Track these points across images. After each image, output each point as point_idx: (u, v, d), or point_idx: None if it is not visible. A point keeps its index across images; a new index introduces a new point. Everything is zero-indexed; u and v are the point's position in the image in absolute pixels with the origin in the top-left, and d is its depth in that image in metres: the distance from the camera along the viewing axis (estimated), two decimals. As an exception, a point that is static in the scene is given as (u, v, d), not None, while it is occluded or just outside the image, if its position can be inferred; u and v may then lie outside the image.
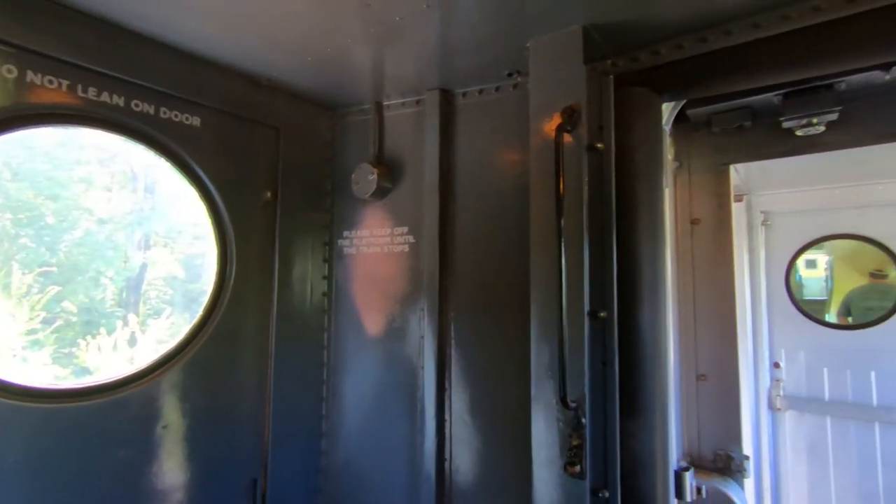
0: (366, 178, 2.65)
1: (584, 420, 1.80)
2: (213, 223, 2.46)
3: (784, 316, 4.44)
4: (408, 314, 2.66)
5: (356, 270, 2.88)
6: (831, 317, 4.54)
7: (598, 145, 2.10)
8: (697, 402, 2.96)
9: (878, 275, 4.14)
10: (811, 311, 4.46)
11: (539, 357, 1.94)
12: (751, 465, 4.19)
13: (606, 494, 2.00)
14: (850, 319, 4.28)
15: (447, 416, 2.51)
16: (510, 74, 2.37)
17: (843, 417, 4.10)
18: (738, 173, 4.17)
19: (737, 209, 4.50)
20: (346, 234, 2.89)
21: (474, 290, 2.49)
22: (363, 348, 2.84)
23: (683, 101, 2.53)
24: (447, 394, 2.51)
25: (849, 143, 2.62)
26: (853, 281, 4.45)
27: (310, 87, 2.67)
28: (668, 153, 2.93)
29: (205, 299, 2.42)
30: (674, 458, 2.66)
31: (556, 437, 1.87)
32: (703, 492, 2.64)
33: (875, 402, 3.99)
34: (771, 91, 2.52)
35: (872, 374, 4.01)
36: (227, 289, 2.43)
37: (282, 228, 2.67)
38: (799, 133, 2.64)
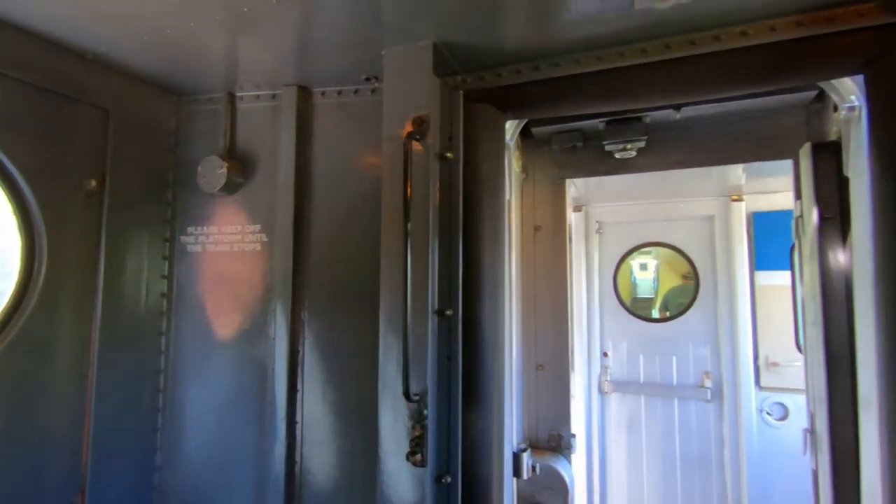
0: (214, 171, 2.49)
1: (426, 412, 1.92)
2: (16, 213, 2.11)
3: (612, 312, 5.15)
4: (259, 315, 2.56)
5: (202, 270, 2.69)
6: (656, 312, 5.34)
7: (448, 155, 2.26)
8: (536, 389, 3.31)
9: (687, 277, 5.03)
10: (643, 308, 5.25)
11: (386, 353, 2.02)
12: (582, 442, 4.79)
13: (448, 480, 2.15)
14: (667, 314, 5.10)
15: (298, 418, 2.47)
16: (368, 79, 2.42)
17: (653, 396, 4.90)
18: (577, 186, 4.75)
19: (576, 218, 5.13)
20: (190, 230, 2.68)
21: (329, 290, 2.50)
22: (208, 353, 2.67)
23: (525, 120, 2.82)
24: (299, 395, 2.47)
25: (654, 167, 3.15)
26: (672, 282, 5.31)
27: (149, 68, 2.43)
28: (516, 165, 3.24)
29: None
30: (514, 441, 2.95)
31: (400, 429, 1.96)
32: (538, 469, 2.96)
33: (675, 381, 4.84)
34: (595, 118, 2.94)
35: (674, 358, 4.85)
36: (33, 289, 2.10)
37: (110, 222, 2.39)
38: (617, 156, 3.11)
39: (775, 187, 4.43)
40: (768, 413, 4.40)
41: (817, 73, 2.03)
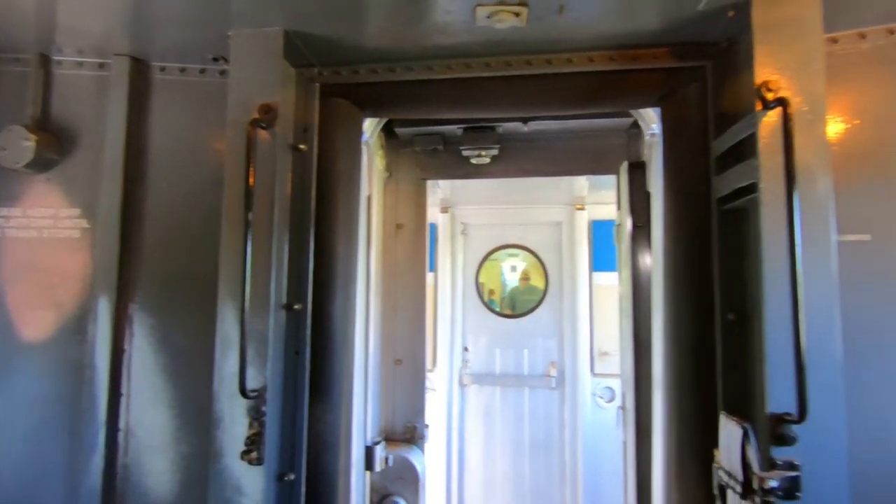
0: (18, 143, 2.14)
1: (264, 408, 1.87)
2: None
3: (473, 308, 5.46)
4: (75, 311, 2.25)
5: (2, 259, 2.29)
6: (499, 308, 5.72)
7: (302, 147, 2.22)
8: (394, 383, 3.39)
9: (525, 277, 5.51)
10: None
11: (223, 349, 1.92)
12: (442, 432, 4.98)
13: (292, 477, 2.11)
14: (512, 310, 5.54)
15: (122, 425, 2.23)
16: (217, 59, 2.28)
17: (507, 386, 5.29)
18: (442, 189, 4.96)
19: (443, 219, 5.35)
20: (-15, 211, 2.27)
21: (164, 283, 2.29)
22: (9, 357, 2.28)
23: (386, 119, 2.89)
24: (123, 400, 2.23)
25: (505, 174, 3.43)
26: (536, 282, 5.73)
27: (-73, 12, 2.01)
28: (379, 163, 3.29)
29: None
30: (368, 434, 2.98)
31: (236, 427, 1.88)
32: (390, 461, 3.04)
33: (526, 372, 5.29)
34: (452, 124, 3.11)
35: (525, 351, 5.30)
36: None
37: None
38: (473, 161, 3.32)
39: (609, 199, 5.08)
40: (600, 396, 5.02)
41: (627, 102, 2.40)
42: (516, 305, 5.48)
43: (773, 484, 1.54)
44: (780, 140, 1.61)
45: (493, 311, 5.44)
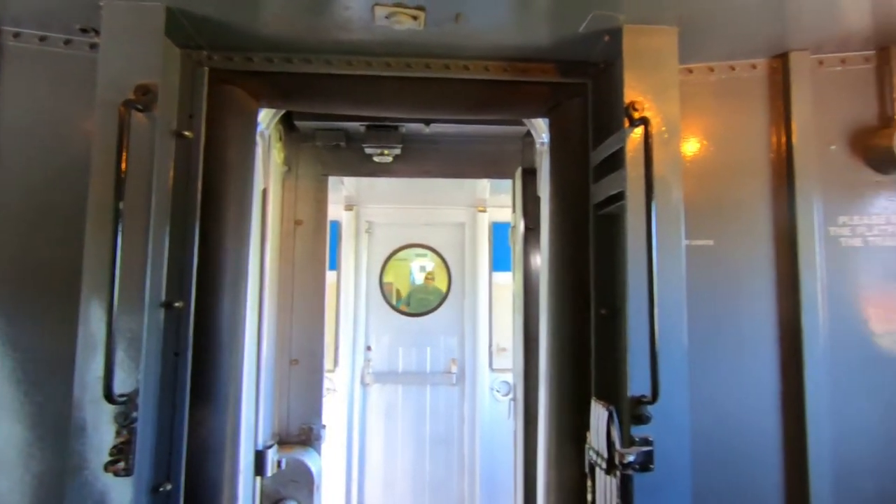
0: None
1: (134, 414, 1.72)
2: None
3: (377, 307, 5.45)
4: None
5: None
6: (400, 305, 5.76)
7: (187, 133, 2.08)
8: (290, 384, 3.28)
9: (429, 277, 5.63)
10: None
11: (86, 351, 1.74)
12: (343, 433, 4.90)
13: (169, 487, 1.96)
14: (415, 309, 5.61)
15: (-47, 443, 1.92)
16: (85, 31, 2.05)
17: (409, 384, 5.35)
18: (347, 186, 4.89)
19: (347, 217, 5.27)
20: None
21: (16, 280, 2.02)
22: None
23: (284, 111, 2.79)
24: (-44, 413, 1.93)
25: (408, 174, 3.47)
26: (441, 282, 5.82)
27: None
28: (277, 157, 3.17)
29: None
30: (259, 438, 2.86)
31: (100, 436, 1.71)
32: (283, 464, 2.94)
33: (428, 369, 5.38)
34: (355, 121, 3.09)
35: (428, 349, 5.39)
36: None
37: None
38: (376, 159, 3.32)
39: (508, 202, 5.35)
40: (497, 391, 5.26)
41: (519, 111, 2.55)
42: (419, 304, 5.56)
43: (630, 458, 1.74)
44: (642, 155, 1.83)
45: (396, 309, 5.46)
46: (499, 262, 5.36)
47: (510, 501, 3.53)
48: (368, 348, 5.36)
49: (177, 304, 2.01)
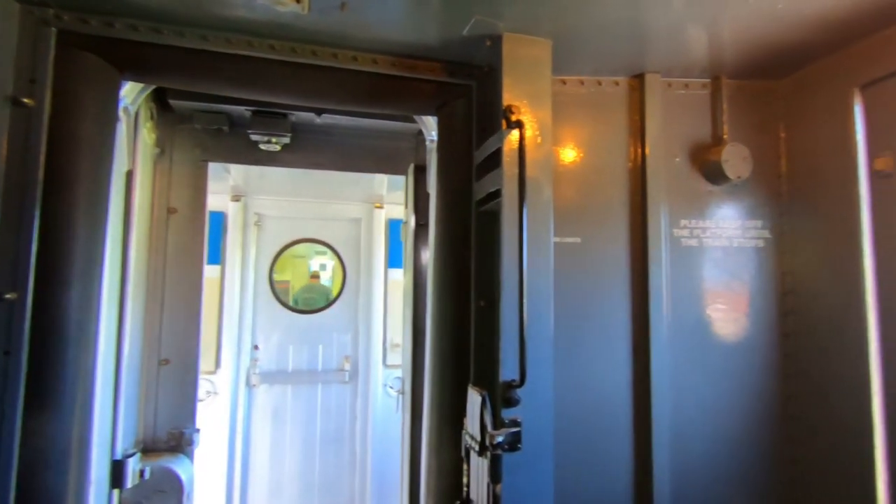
0: None
1: (-55, 423, 1.48)
2: None
3: (267, 304, 5.18)
4: None
5: None
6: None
7: (27, 101, 1.83)
8: (158, 386, 3.00)
9: (314, 275, 5.50)
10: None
11: None
12: (225, 437, 4.60)
13: (-7, 507, 1.71)
14: (306, 306, 5.44)
15: None
16: None
17: (300, 383, 5.17)
18: (234, 175, 4.60)
19: (234, 208, 4.96)
20: None
21: None
22: None
23: (154, 86, 2.56)
24: None
25: (297, 164, 3.35)
26: (336, 279, 5.66)
27: None
28: (147, 137, 2.89)
29: None
30: (119, 446, 2.58)
31: None
32: (147, 473, 2.68)
33: (320, 367, 5.24)
34: (239, 104, 2.92)
35: (320, 347, 5.25)
36: None
37: None
38: (262, 147, 3.17)
39: (403, 199, 5.41)
40: (390, 387, 5.27)
41: (409, 107, 2.59)
42: (306, 304, 5.39)
43: (499, 439, 1.85)
44: (517, 156, 1.95)
45: (288, 307, 5.25)
46: (395, 258, 5.38)
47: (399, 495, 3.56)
48: (256, 347, 5.09)
49: (8, 296, 1.76)
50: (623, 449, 2.31)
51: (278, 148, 3.18)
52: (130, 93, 2.43)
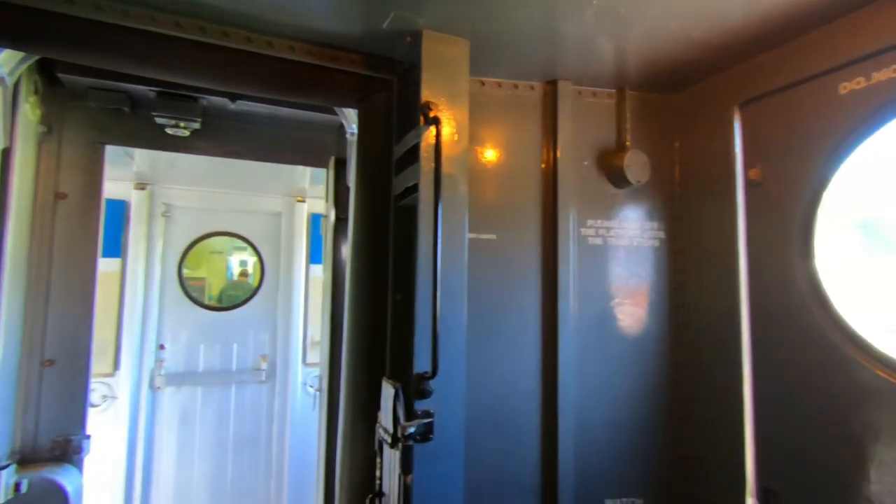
0: None
1: None
2: None
3: (175, 301, 4.85)
4: None
5: None
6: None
7: None
8: (40, 390, 2.72)
9: (243, 273, 5.27)
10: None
11: None
12: (124, 445, 4.25)
13: None
14: (221, 302, 5.17)
15: None
16: None
17: (211, 385, 4.89)
18: (139, 161, 4.26)
19: (139, 197, 4.60)
20: None
21: None
22: None
23: (38, 56, 2.31)
24: None
25: (209, 152, 3.17)
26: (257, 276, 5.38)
27: None
28: (31, 113, 2.60)
29: None
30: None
31: None
32: (23, 486, 2.42)
33: (235, 367, 4.99)
34: (143, 83, 2.71)
35: (235, 345, 5.01)
36: None
37: None
38: (169, 131, 2.96)
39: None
40: (310, 385, 5.14)
41: (329, 98, 2.54)
42: (230, 301, 5.13)
43: (411, 430, 1.88)
44: (434, 152, 1.99)
45: (200, 304, 4.94)
46: (317, 253, 5.25)
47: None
48: (161, 347, 4.74)
49: None
50: (531, 433, 2.43)
51: (187, 133, 2.99)
52: (6, 62, 2.17)
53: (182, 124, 2.91)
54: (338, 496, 2.32)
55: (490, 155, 2.52)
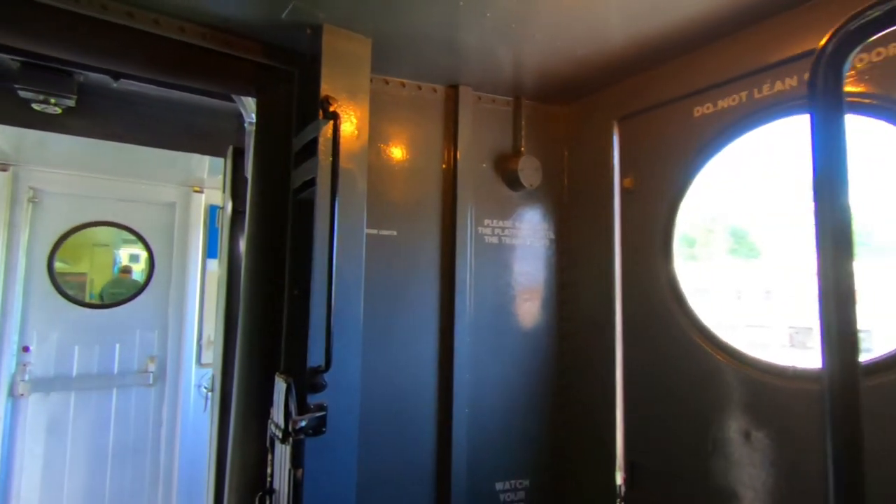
0: None
1: None
2: None
3: (44, 298, 4.34)
4: None
5: None
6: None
7: None
8: None
9: (125, 269, 4.85)
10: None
11: None
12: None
13: None
14: (102, 300, 4.72)
15: None
16: None
17: (88, 389, 4.44)
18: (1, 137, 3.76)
19: (0, 179, 4.06)
20: None
21: None
22: None
23: None
24: None
25: (84, 133, 2.89)
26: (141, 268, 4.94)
27: None
28: None
29: None
30: None
31: None
32: None
33: (116, 370, 4.57)
34: (3, 52, 2.41)
35: (117, 346, 4.58)
36: None
37: None
38: (36, 107, 2.66)
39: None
40: (205, 387, 4.85)
41: (225, 84, 2.44)
42: (109, 296, 4.68)
43: (302, 423, 1.88)
44: (331, 147, 1.99)
45: (75, 301, 4.46)
46: (215, 248, 4.97)
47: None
48: (25, 349, 4.22)
49: None
50: (428, 422, 2.51)
51: (59, 111, 2.71)
52: None
53: (53, 101, 2.62)
54: (227, 496, 2.24)
55: (393, 152, 2.57)
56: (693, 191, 2.34)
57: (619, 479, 2.51)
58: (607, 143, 2.65)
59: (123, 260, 4.94)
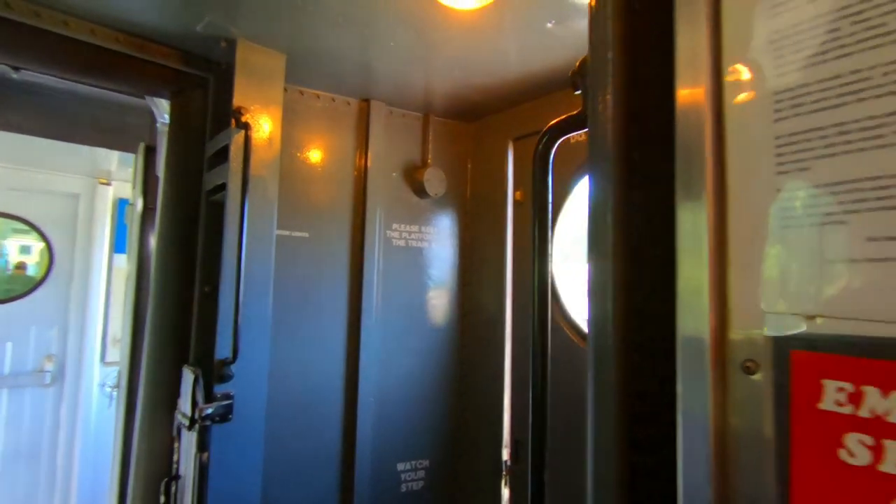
0: None
1: None
2: None
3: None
4: None
5: None
6: None
7: None
8: None
9: (19, 266, 4.57)
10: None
11: None
12: None
13: None
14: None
15: None
16: None
17: (-27, 391, 4.15)
18: None
19: None
20: None
21: None
22: None
23: None
24: None
25: (-20, 123, 2.78)
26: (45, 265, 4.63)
27: None
28: None
29: None
30: None
31: None
32: None
33: (8, 370, 4.31)
34: None
35: (9, 344, 4.32)
36: None
37: None
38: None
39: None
40: (110, 386, 4.69)
41: (138, 87, 2.49)
42: (12, 293, 4.40)
43: (209, 411, 2.02)
44: (242, 156, 2.15)
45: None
46: (123, 242, 4.81)
47: None
48: None
49: None
50: (335, 412, 2.72)
51: (-50, 100, 2.60)
52: None
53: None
54: (132, 484, 2.32)
55: (307, 159, 2.74)
56: (572, 204, 2.73)
57: (506, 455, 2.86)
58: (503, 159, 3.00)
59: (16, 253, 4.64)
